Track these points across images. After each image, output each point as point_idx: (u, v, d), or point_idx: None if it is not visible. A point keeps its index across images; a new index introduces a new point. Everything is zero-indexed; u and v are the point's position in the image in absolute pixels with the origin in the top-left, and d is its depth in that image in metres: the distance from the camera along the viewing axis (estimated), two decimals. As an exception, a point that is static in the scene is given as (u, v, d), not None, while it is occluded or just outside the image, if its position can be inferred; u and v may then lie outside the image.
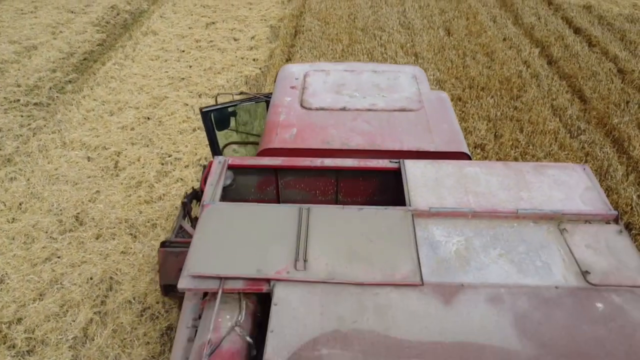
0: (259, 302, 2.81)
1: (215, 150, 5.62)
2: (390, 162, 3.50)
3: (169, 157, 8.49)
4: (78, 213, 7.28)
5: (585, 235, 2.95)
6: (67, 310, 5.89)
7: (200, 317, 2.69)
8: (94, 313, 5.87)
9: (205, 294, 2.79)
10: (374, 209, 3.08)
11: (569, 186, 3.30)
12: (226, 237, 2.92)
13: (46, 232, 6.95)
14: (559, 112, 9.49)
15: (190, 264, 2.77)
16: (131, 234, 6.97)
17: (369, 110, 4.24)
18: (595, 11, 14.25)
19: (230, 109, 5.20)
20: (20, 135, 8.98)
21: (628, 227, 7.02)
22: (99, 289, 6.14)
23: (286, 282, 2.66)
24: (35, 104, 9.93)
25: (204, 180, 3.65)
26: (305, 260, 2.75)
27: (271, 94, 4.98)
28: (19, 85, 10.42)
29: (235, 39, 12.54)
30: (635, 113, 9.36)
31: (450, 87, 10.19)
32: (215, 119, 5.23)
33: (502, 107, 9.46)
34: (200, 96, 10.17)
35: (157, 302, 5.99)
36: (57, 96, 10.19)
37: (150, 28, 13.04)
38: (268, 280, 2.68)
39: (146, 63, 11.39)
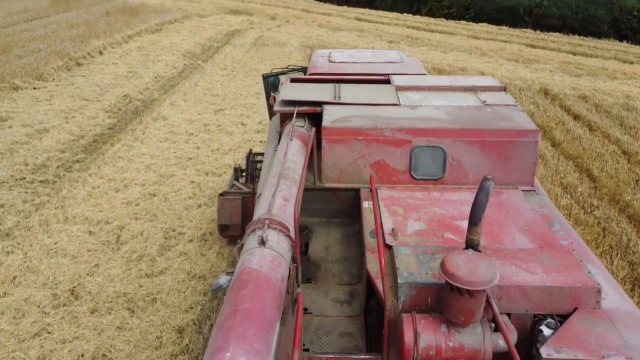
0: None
1: (270, 108, 7.53)
2: (381, 77, 6.03)
3: (173, 231, 8.24)
4: (74, 287, 6.87)
5: (486, 93, 5.42)
6: (52, 391, 5.31)
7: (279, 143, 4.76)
8: (82, 394, 5.29)
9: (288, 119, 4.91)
10: (379, 85, 5.65)
11: (483, 80, 5.98)
12: (300, 88, 5.50)
13: (38, 307, 6.50)
14: (570, 189, 9.39)
15: (282, 94, 5.29)
16: (129, 309, 6.52)
17: (367, 62, 6.81)
18: (591, 101, 14.76)
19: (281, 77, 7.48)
20: (22, 211, 8.80)
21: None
22: (90, 366, 5.60)
23: (329, 104, 4.98)
24: (41, 181, 9.87)
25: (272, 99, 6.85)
26: (339, 97, 5.15)
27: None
28: (26, 164, 10.43)
29: (242, 124, 12.83)
30: (646, 190, 9.26)
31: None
32: (271, 83, 7.68)
33: (511, 185, 9.37)
34: (207, 174, 10.15)
35: (153, 382, 5.43)
36: (63, 174, 10.16)
37: (161, 114, 13.40)
38: (320, 104, 4.98)
39: (155, 144, 11.53)
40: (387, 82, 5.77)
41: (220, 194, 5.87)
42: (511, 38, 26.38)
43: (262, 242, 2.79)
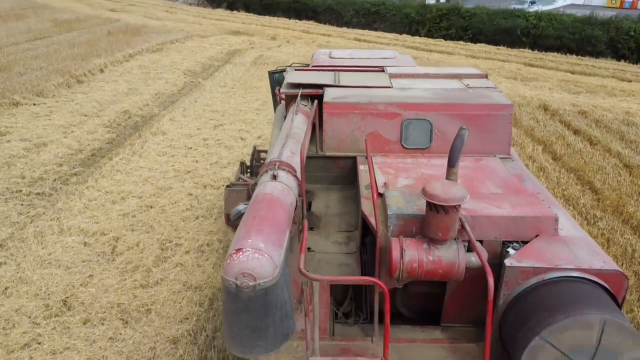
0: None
1: (275, 100, 7.97)
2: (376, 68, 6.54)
3: (170, 242, 8.10)
4: (67, 297, 6.71)
5: (469, 79, 5.94)
6: (40, 403, 5.11)
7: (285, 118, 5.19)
8: (71, 406, 5.09)
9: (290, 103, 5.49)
10: (374, 73, 6.24)
11: (467, 69, 6.53)
12: (304, 74, 6.11)
13: (29, 317, 6.33)
14: (572, 201, 9.28)
15: (288, 78, 5.87)
16: (122, 319, 6.34)
17: (365, 58, 7.24)
18: (590, 116, 14.74)
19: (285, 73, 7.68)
20: (17, 223, 8.67)
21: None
22: (80, 378, 5.40)
23: (331, 87, 5.51)
24: (38, 193, 9.76)
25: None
26: (338, 81, 5.68)
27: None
28: (23, 177, 10.34)
29: (242, 138, 12.78)
30: (650, 202, 9.14)
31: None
32: (276, 79, 8.07)
33: (513, 196, 9.26)
34: (205, 187, 10.04)
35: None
36: (60, 187, 10.06)
37: (160, 129, 13.37)
38: (321, 87, 5.51)
39: (153, 158, 11.46)
40: (382, 71, 6.41)
41: (227, 186, 6.17)
42: (509, 57, 26.59)
43: (274, 177, 3.36)
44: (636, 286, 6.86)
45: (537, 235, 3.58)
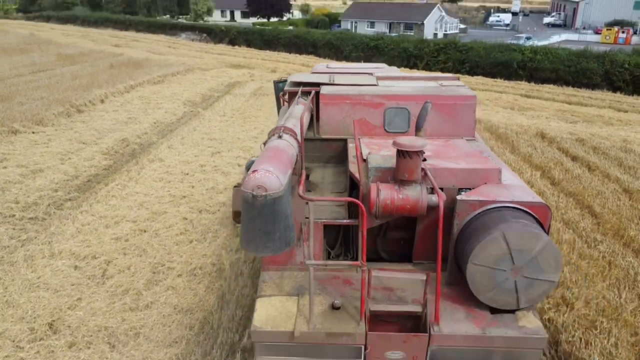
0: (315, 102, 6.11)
1: (279, 104, 8.40)
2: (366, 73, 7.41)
3: (162, 266, 7.93)
4: (53, 320, 6.51)
5: (444, 80, 6.84)
6: None
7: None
8: None
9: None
10: (364, 75, 7.02)
11: (443, 75, 7.48)
12: (304, 75, 6.98)
13: (13, 341, 6.12)
14: (572, 225, 9.14)
15: (291, 78, 6.83)
16: (109, 343, 6.13)
17: (357, 68, 8.12)
18: (588, 143, 14.76)
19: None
20: (7, 247, 8.53)
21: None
22: (62, 403, 5.17)
23: (327, 85, 6.31)
24: (30, 218, 9.65)
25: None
26: (333, 81, 6.50)
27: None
28: (17, 202, 10.25)
29: (239, 165, 12.74)
30: (651, 226, 9.00)
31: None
32: (280, 88, 8.24)
33: (511, 220, 9.14)
34: (200, 212, 9.93)
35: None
36: (54, 212, 9.95)
37: (158, 156, 13.36)
38: (318, 84, 6.26)
39: (149, 184, 11.39)
40: (370, 75, 7.32)
41: (235, 186, 7.15)
42: (506, 89, 26.88)
43: (279, 137, 4.15)
44: (640, 309, 6.66)
45: (485, 183, 4.49)
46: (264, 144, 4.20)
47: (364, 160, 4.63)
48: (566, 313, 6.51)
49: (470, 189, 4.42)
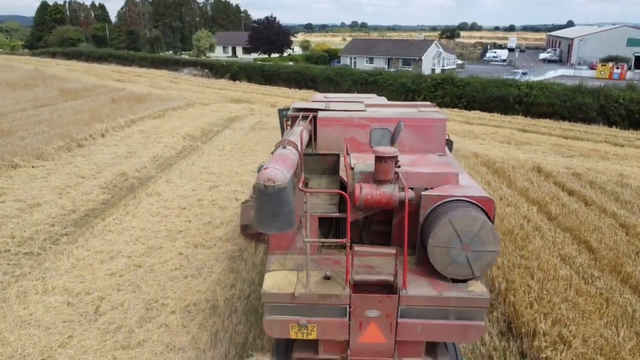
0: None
1: (282, 130, 9.28)
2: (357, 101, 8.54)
3: (156, 302, 7.86)
4: (43, 359, 6.41)
5: (422, 107, 7.86)
6: None
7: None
8: None
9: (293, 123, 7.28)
10: (355, 103, 8.11)
11: (423, 103, 8.26)
12: (304, 104, 8.02)
13: (1, 380, 6.03)
14: (569, 260, 9.10)
15: (293, 105, 7.92)
16: (99, 382, 6.02)
17: (348, 97, 9.19)
18: (584, 178, 14.82)
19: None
20: (1, 282, 8.47)
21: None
22: None
23: (323, 110, 7.33)
24: (26, 253, 9.62)
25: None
26: (328, 107, 7.56)
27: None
28: (13, 237, 10.24)
29: (236, 199, 12.77)
30: (648, 261, 8.96)
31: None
32: (284, 115, 9.02)
33: (508, 256, 9.10)
34: (196, 247, 9.91)
35: None
36: (49, 247, 9.93)
37: (155, 190, 13.41)
38: (316, 110, 7.34)
39: (146, 218, 11.40)
40: (360, 103, 8.33)
41: (243, 202, 8.32)
42: (503, 123, 27.17)
43: (284, 147, 5.23)
44: (638, 348, 6.56)
45: (445, 184, 5.45)
46: (272, 153, 5.28)
47: (352, 169, 5.60)
48: (564, 352, 6.41)
49: (432, 188, 5.45)
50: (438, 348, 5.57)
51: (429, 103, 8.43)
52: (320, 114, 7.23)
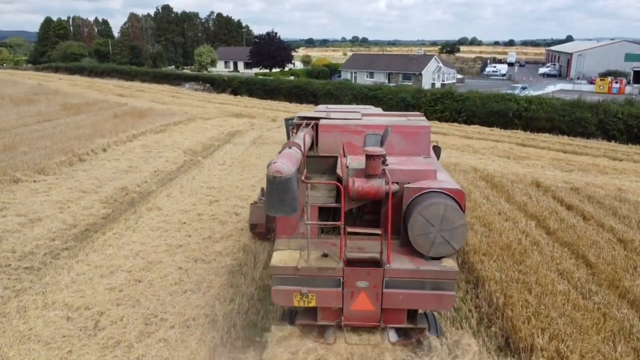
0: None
1: (289, 136, 9.73)
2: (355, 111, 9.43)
3: (155, 317, 7.90)
4: (42, 374, 6.44)
5: (411, 117, 8.95)
6: None
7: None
8: None
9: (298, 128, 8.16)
10: (352, 112, 9.16)
11: (413, 113, 9.33)
12: (308, 113, 8.75)
13: (0, 396, 6.05)
14: (566, 275, 9.13)
15: (299, 114, 8.69)
16: (97, 398, 6.04)
17: (347, 108, 10.33)
18: (583, 192, 14.89)
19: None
20: (1, 297, 8.51)
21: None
22: None
23: (324, 119, 8.24)
24: (26, 268, 9.67)
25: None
26: (329, 116, 8.51)
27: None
28: (14, 252, 10.30)
29: (236, 214, 12.85)
30: (646, 276, 8.98)
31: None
32: (290, 124, 9.20)
33: (506, 271, 9.14)
34: (196, 261, 9.96)
35: None
36: (50, 261, 9.99)
37: (156, 204, 13.49)
38: (318, 119, 8.16)
39: (146, 233, 11.46)
40: (357, 112, 9.19)
41: (252, 203, 9.07)
42: (502, 138, 27.31)
43: (290, 147, 6.09)
44: (636, 363, 6.58)
45: (425, 179, 6.40)
46: (279, 153, 6.11)
47: (347, 167, 6.52)
48: (561, 367, 6.43)
49: (413, 182, 6.38)
50: (417, 316, 6.57)
51: (418, 113, 9.48)
52: (321, 122, 8.13)
